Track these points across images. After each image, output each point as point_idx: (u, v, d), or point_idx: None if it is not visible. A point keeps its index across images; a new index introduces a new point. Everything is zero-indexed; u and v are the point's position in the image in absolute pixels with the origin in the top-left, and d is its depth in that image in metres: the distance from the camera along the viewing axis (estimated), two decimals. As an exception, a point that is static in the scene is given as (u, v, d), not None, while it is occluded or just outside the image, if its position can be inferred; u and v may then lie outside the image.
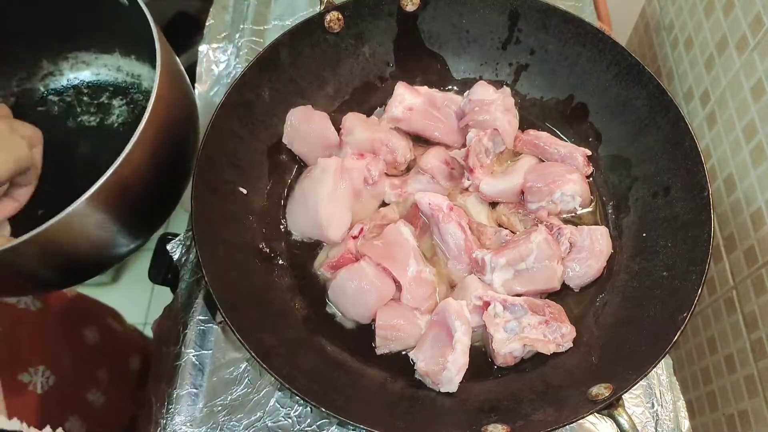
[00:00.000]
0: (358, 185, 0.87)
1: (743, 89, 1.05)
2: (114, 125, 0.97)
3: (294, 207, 0.88)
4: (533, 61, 0.95)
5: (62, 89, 1.00)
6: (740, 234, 1.06)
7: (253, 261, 0.82)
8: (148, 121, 0.69)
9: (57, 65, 0.99)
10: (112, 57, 1.00)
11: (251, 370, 0.82)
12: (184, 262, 0.91)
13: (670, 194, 0.81)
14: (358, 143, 0.89)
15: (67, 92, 1.00)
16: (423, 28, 0.95)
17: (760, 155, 1.00)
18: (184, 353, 0.83)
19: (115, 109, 0.98)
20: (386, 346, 0.78)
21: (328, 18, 0.90)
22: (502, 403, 0.73)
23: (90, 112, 0.98)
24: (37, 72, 0.99)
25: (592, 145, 0.93)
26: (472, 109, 0.89)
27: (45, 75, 0.99)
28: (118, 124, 0.97)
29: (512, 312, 0.77)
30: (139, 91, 0.99)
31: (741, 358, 1.06)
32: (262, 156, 0.89)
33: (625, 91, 0.87)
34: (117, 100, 0.99)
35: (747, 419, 1.04)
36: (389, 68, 0.98)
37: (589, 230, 0.84)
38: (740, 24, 1.06)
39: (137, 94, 0.99)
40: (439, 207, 0.82)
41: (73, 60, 1.00)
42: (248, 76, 0.85)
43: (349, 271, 0.80)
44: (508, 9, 0.91)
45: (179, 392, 0.80)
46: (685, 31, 1.26)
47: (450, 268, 0.84)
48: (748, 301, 1.03)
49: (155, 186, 0.77)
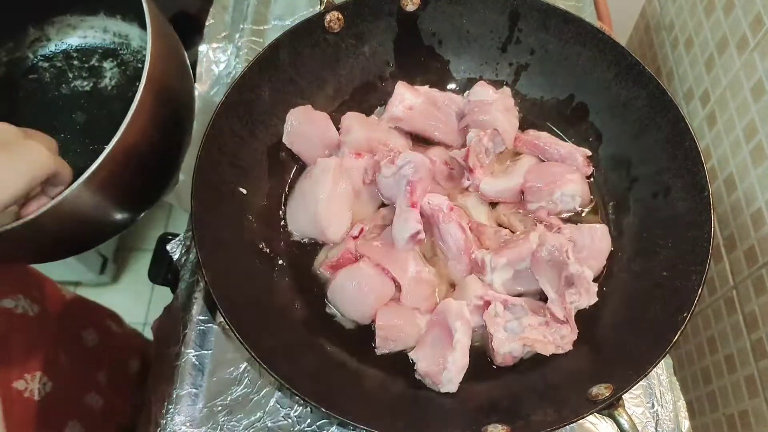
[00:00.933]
0: (357, 185, 0.87)
1: (743, 89, 1.05)
2: (108, 88, 0.97)
3: (294, 207, 0.88)
4: (533, 61, 0.95)
5: (51, 54, 0.99)
6: (740, 234, 1.06)
7: (253, 261, 0.82)
8: (145, 86, 0.69)
9: (43, 30, 0.98)
10: (97, 18, 0.99)
11: (251, 370, 0.82)
12: (184, 262, 0.91)
13: (671, 194, 0.81)
14: (356, 143, 0.89)
15: (56, 57, 0.99)
16: (423, 27, 0.95)
17: (760, 155, 1.00)
18: (184, 353, 0.83)
19: (106, 72, 0.98)
20: (386, 346, 0.78)
21: (328, 18, 0.89)
22: (502, 403, 0.73)
23: (82, 77, 0.98)
24: (24, 39, 0.98)
25: (593, 145, 0.93)
26: (471, 109, 0.89)
27: (32, 41, 0.98)
28: (112, 87, 0.97)
29: (513, 312, 0.77)
30: (129, 51, 0.99)
31: (741, 358, 1.06)
32: (262, 156, 0.89)
33: (626, 91, 0.87)
34: (107, 62, 0.99)
35: (747, 419, 1.04)
36: (389, 68, 0.98)
37: (589, 229, 0.84)
38: (740, 24, 1.06)
39: (127, 55, 0.99)
40: (439, 207, 0.82)
41: (59, 24, 0.99)
42: (248, 76, 0.85)
43: (348, 271, 0.80)
44: (509, 9, 0.91)
45: (179, 392, 0.80)
46: (685, 31, 1.26)
47: (450, 268, 0.83)
48: (749, 301, 1.03)
49: (158, 151, 0.77)
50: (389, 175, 0.83)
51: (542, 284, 0.77)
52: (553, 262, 0.76)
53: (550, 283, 0.76)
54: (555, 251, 0.76)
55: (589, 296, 0.77)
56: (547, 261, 0.77)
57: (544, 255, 0.77)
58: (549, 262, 0.77)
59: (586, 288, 0.75)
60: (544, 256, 0.77)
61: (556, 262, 0.76)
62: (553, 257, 0.76)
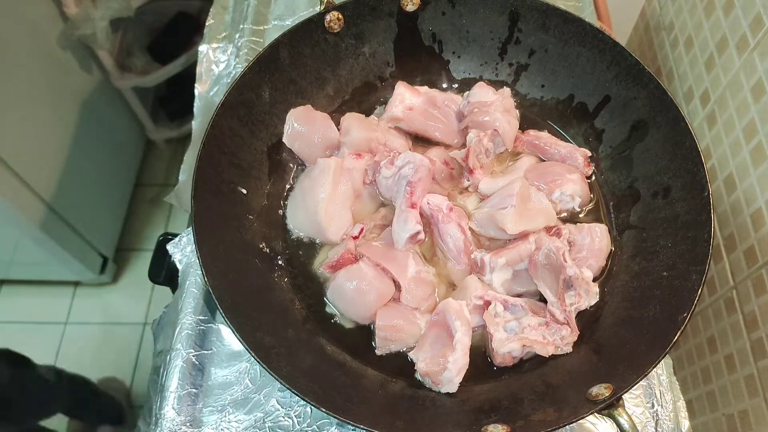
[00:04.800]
0: (358, 185, 0.87)
1: (743, 89, 1.05)
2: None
3: (294, 207, 0.88)
4: (533, 61, 0.95)
5: None
6: (740, 234, 1.06)
7: (253, 261, 0.82)
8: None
9: None
10: None
11: (251, 370, 0.82)
12: (184, 262, 0.91)
13: (671, 194, 0.81)
14: (355, 143, 0.89)
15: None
16: (423, 28, 0.95)
17: (760, 155, 1.00)
18: (184, 353, 0.83)
19: None
20: (386, 346, 0.78)
21: (328, 18, 0.89)
22: (502, 403, 0.73)
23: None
24: None
25: (593, 145, 0.93)
26: (471, 110, 0.89)
27: None
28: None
29: (513, 312, 0.77)
30: None
31: (741, 358, 1.06)
32: (262, 156, 0.89)
33: (626, 91, 0.87)
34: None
35: (747, 419, 1.04)
36: (389, 68, 0.98)
37: (589, 228, 0.84)
38: (740, 24, 1.06)
39: None
40: (439, 207, 0.82)
41: None
42: (248, 76, 0.85)
43: (348, 271, 0.80)
44: (508, 9, 0.91)
45: (179, 392, 0.80)
46: (685, 31, 1.26)
47: (449, 269, 0.83)
48: (748, 301, 1.03)
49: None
50: (389, 176, 0.84)
51: (541, 288, 0.77)
52: (550, 265, 0.76)
53: (549, 287, 0.76)
54: (551, 254, 0.76)
55: (590, 297, 0.77)
56: (544, 265, 0.77)
57: (541, 259, 0.77)
58: (546, 266, 0.77)
59: (585, 289, 0.75)
60: (541, 260, 0.77)
61: (554, 266, 0.76)
62: (550, 261, 0.76)
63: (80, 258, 1.93)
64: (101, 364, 2.01)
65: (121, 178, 2.21)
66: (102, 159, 2.04)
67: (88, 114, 1.91)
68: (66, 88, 1.83)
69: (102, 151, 2.04)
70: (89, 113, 1.91)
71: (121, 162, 2.21)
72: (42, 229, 1.72)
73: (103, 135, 2.03)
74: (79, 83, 1.89)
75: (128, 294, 2.14)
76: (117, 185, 2.18)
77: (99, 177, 2.04)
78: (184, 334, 0.84)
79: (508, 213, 0.79)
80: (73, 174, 1.84)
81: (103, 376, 1.96)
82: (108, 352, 2.05)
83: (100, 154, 2.02)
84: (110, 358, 2.03)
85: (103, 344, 2.07)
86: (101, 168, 2.04)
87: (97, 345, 2.07)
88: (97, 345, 2.07)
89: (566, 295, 0.75)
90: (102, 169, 2.05)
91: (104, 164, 2.06)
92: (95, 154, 1.99)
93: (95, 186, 2.02)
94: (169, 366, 0.83)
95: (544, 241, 0.78)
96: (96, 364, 2.02)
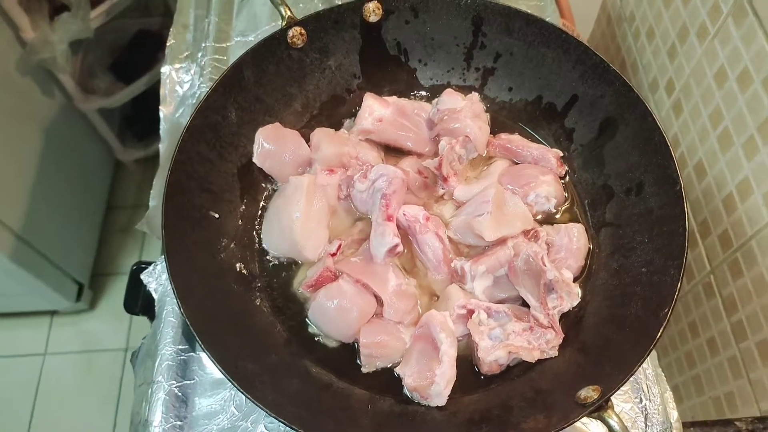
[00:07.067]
0: (332, 201, 0.86)
1: (707, 77, 1.06)
2: None
3: (269, 228, 0.87)
4: (500, 65, 0.95)
5: None
6: (714, 219, 1.07)
7: (230, 286, 0.81)
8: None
9: None
10: None
11: (236, 398, 0.80)
12: (159, 291, 0.89)
13: (644, 190, 0.82)
14: (327, 158, 0.88)
15: None
16: (387, 37, 0.94)
17: (727, 141, 1.01)
18: (165, 385, 0.81)
19: None
20: (372, 363, 0.77)
21: (291, 33, 0.88)
22: (492, 412, 0.72)
23: None
24: None
25: (564, 144, 0.93)
26: (441, 118, 0.89)
27: None
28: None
29: (496, 319, 0.77)
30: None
31: (723, 341, 1.07)
32: (233, 178, 0.87)
33: (592, 89, 0.87)
34: None
35: (733, 401, 1.06)
36: (356, 80, 0.97)
37: (566, 228, 0.84)
38: (699, 12, 1.07)
39: None
40: (416, 218, 0.82)
41: None
42: (212, 98, 0.83)
43: (328, 290, 0.79)
44: (471, 14, 0.91)
45: (164, 426, 0.78)
46: (646, 22, 1.28)
47: (430, 279, 0.83)
48: (726, 284, 1.05)
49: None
50: (363, 190, 0.83)
51: (523, 294, 0.77)
52: (530, 271, 0.76)
53: (530, 292, 0.76)
54: (530, 260, 0.76)
55: (572, 298, 0.77)
56: (524, 271, 0.77)
57: (521, 265, 0.77)
58: (526, 272, 0.76)
59: (567, 291, 0.75)
60: (521, 266, 0.77)
61: (534, 271, 0.76)
62: (530, 266, 0.76)
63: (55, 286, 1.88)
64: (83, 395, 1.97)
65: (91, 202, 2.16)
66: (70, 184, 2.00)
67: (53, 139, 1.86)
68: (28, 114, 1.79)
69: (70, 176, 1.99)
70: (54, 138, 1.87)
71: (91, 186, 2.16)
72: (12, 260, 1.67)
73: (70, 159, 1.99)
74: (41, 109, 1.84)
75: (107, 320, 2.10)
76: (88, 209, 2.13)
77: (68, 202, 1.99)
78: (164, 365, 0.82)
79: (485, 220, 0.79)
80: (41, 201, 1.80)
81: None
82: (90, 381, 2.01)
83: (68, 179, 1.98)
84: (92, 388, 1.99)
85: (84, 373, 2.02)
86: (70, 193, 2.00)
87: (78, 374, 2.02)
88: (79, 374, 2.02)
89: (548, 299, 0.75)
90: (71, 193, 2.00)
91: (73, 189, 2.02)
92: (63, 179, 1.94)
93: (65, 212, 1.97)
94: (151, 399, 0.81)
95: (522, 246, 0.78)
96: (78, 394, 1.97)
